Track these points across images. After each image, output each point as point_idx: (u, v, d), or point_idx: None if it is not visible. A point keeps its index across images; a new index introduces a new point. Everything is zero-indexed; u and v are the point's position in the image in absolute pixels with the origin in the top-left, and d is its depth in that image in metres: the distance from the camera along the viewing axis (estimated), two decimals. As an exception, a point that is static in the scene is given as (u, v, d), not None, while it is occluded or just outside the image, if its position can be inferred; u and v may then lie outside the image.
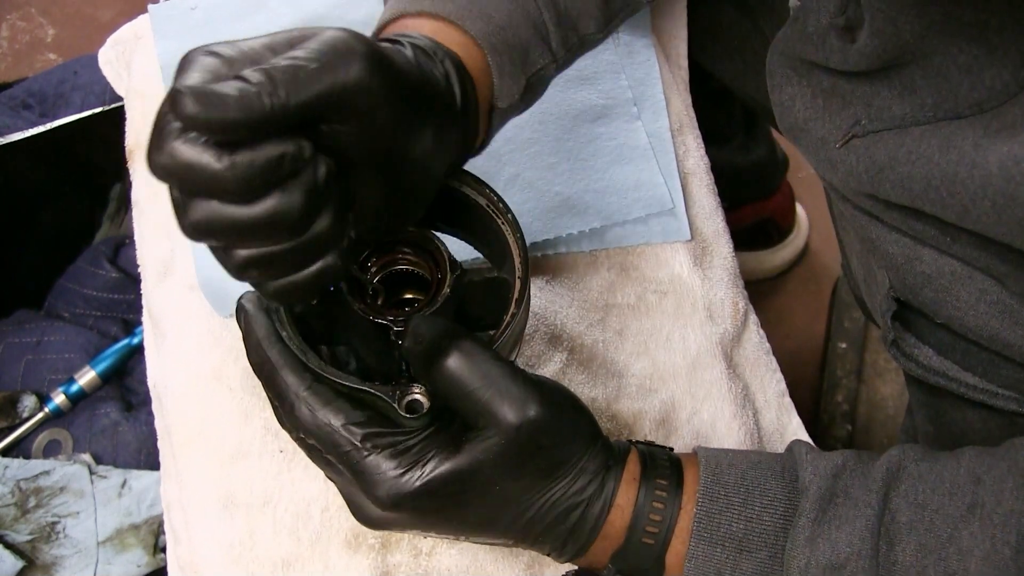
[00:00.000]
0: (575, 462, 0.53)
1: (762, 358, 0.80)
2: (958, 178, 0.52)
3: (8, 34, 1.73)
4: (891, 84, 0.56)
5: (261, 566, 0.69)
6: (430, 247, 0.58)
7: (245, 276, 0.47)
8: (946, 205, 0.53)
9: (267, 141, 0.41)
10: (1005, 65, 0.50)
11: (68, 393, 1.05)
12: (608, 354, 0.77)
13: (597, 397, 0.75)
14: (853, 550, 0.49)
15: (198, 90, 0.40)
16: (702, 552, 0.51)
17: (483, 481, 0.51)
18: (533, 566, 0.69)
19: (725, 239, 0.83)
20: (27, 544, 0.96)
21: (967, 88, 0.52)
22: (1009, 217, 0.50)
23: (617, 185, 0.83)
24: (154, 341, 0.80)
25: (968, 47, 0.52)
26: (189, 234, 0.44)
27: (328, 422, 0.51)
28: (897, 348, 0.66)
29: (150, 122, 0.94)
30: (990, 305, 0.58)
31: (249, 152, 0.41)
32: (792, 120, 0.64)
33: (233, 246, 0.45)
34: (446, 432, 0.52)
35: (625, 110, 0.86)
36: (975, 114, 0.53)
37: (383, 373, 0.59)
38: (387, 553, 0.69)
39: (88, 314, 1.14)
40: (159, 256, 0.82)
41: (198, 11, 0.90)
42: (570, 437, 0.53)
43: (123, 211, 1.25)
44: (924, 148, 0.55)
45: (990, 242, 0.55)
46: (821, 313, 1.46)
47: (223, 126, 0.40)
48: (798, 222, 1.52)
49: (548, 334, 0.77)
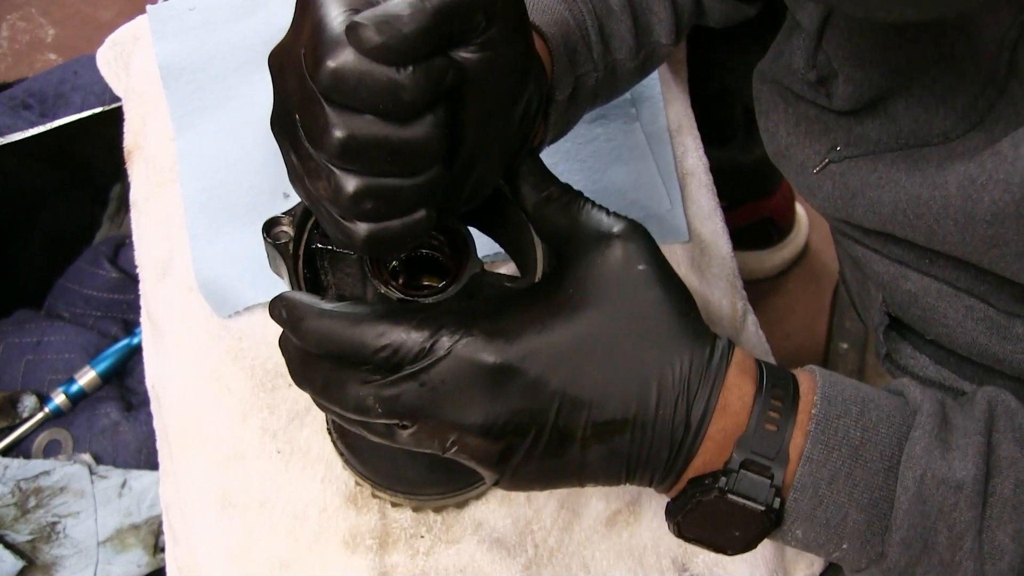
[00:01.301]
0: (693, 315, 0.49)
1: (761, 358, 0.80)
2: (922, 200, 0.52)
3: (8, 34, 1.73)
4: (875, 115, 0.57)
5: (259, 567, 0.69)
6: (456, 237, 0.58)
7: (358, 207, 0.44)
8: (914, 227, 0.53)
9: (431, 58, 0.42)
10: (972, 93, 0.51)
11: (68, 393, 1.05)
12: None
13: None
14: (968, 474, 0.47)
15: (376, 18, 0.40)
16: (819, 455, 0.48)
17: (601, 313, 0.47)
18: (531, 567, 0.69)
19: (724, 240, 0.83)
20: (27, 544, 0.96)
21: (942, 116, 0.53)
22: (971, 236, 0.50)
23: (615, 186, 0.83)
24: (152, 342, 0.80)
25: (941, 76, 0.52)
26: (334, 152, 0.42)
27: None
28: (891, 362, 0.66)
29: (148, 123, 0.94)
30: (977, 321, 0.58)
31: (424, 66, 0.41)
32: (776, 146, 0.64)
33: (366, 170, 0.43)
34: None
35: (623, 111, 0.86)
36: (942, 143, 0.53)
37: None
38: (385, 554, 0.69)
39: (88, 314, 1.14)
40: (158, 257, 0.82)
41: (196, 12, 0.90)
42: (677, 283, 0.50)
43: (123, 211, 1.26)
44: (893, 172, 0.55)
45: (967, 263, 0.55)
46: (821, 313, 1.46)
47: (405, 46, 0.40)
48: (798, 222, 1.52)
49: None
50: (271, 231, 0.57)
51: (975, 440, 0.48)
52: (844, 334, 1.38)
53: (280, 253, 0.57)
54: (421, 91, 0.41)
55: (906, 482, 0.47)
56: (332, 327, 0.46)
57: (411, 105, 0.42)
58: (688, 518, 0.49)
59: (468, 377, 0.45)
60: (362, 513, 0.70)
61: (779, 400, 0.49)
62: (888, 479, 0.48)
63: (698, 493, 0.48)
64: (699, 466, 0.49)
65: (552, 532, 0.71)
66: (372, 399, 0.45)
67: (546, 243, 0.52)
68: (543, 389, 0.45)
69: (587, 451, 0.47)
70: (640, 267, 0.48)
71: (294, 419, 0.73)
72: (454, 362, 0.44)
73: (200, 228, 0.81)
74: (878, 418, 0.49)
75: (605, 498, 0.72)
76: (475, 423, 0.45)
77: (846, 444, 0.48)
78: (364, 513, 0.70)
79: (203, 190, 0.82)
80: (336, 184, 0.43)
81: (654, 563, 0.70)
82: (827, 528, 0.49)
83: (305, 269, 0.57)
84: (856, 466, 0.48)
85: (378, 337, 0.45)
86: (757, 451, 0.48)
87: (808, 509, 0.48)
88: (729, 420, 0.48)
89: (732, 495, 0.47)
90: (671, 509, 0.51)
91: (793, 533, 0.49)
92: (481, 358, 0.45)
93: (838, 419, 0.49)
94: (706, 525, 0.50)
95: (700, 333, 0.49)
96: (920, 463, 0.47)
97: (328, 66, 0.41)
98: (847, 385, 0.51)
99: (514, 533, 0.70)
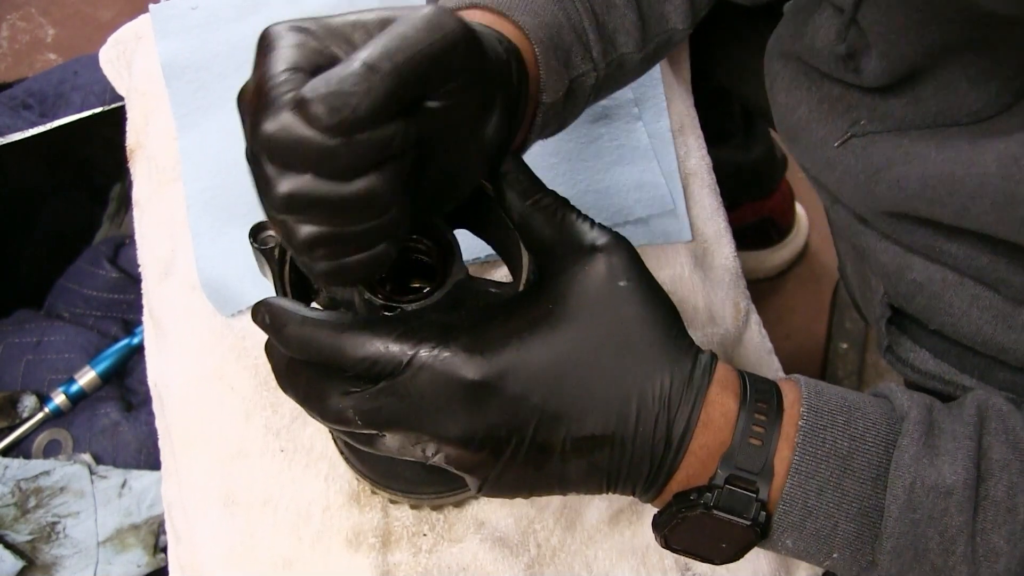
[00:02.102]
0: (675, 330, 0.48)
1: (764, 358, 0.80)
2: (956, 176, 0.51)
3: (8, 34, 1.73)
4: (902, 94, 0.56)
5: (262, 565, 0.69)
6: (442, 242, 0.58)
7: (310, 254, 0.44)
8: (944, 204, 0.53)
9: (382, 123, 0.41)
10: (1007, 76, 0.50)
11: (68, 393, 1.05)
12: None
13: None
14: (958, 479, 0.47)
15: (328, 96, 0.39)
16: (807, 466, 0.48)
17: (580, 326, 0.46)
18: (533, 566, 0.69)
19: (727, 239, 0.83)
20: (27, 544, 0.96)
21: (972, 100, 0.52)
22: (1010, 216, 0.49)
23: (618, 186, 0.83)
24: (155, 341, 0.80)
25: (975, 60, 0.52)
26: (277, 207, 0.42)
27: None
28: (892, 354, 0.66)
29: (151, 122, 0.94)
30: (983, 310, 0.58)
31: (367, 134, 0.40)
32: (793, 121, 0.64)
33: (313, 222, 0.43)
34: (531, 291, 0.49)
35: (626, 111, 0.86)
36: (973, 122, 0.53)
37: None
38: (387, 552, 0.69)
39: (88, 314, 1.14)
40: (160, 255, 0.82)
41: (199, 10, 0.90)
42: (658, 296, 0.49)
43: (123, 211, 1.25)
44: (921, 148, 0.54)
45: (982, 247, 0.55)
46: (821, 313, 1.46)
47: (355, 124, 0.40)
48: (798, 222, 1.52)
49: (549, 334, 0.77)
50: (258, 236, 0.58)
51: (964, 444, 0.48)
52: (844, 334, 1.38)
53: (266, 258, 0.57)
54: (361, 158, 0.41)
55: (895, 491, 0.47)
56: (313, 335, 0.46)
57: (350, 169, 0.41)
58: (675, 532, 0.50)
59: (446, 391, 0.44)
60: (365, 511, 0.70)
61: (763, 414, 0.49)
62: (877, 488, 0.48)
63: (684, 508, 0.48)
64: (683, 480, 0.49)
65: (555, 531, 0.71)
66: (352, 411, 0.45)
67: (530, 252, 0.52)
68: (521, 405, 0.45)
69: (567, 464, 0.47)
70: (622, 283, 0.48)
71: (297, 418, 0.73)
72: (432, 376, 0.44)
73: (203, 227, 0.81)
74: (865, 427, 0.49)
75: (608, 497, 0.72)
76: (454, 435, 0.45)
77: (834, 455, 0.48)
78: (367, 511, 0.70)
79: (206, 189, 0.82)
80: (286, 232, 0.44)
81: (657, 562, 0.70)
82: (817, 538, 0.49)
83: (293, 273, 0.57)
84: (844, 476, 0.48)
85: (358, 348, 0.45)
86: (742, 466, 0.48)
87: (797, 520, 0.48)
88: (712, 435, 0.48)
89: (717, 511, 0.47)
90: (657, 522, 0.51)
91: (783, 543, 0.49)
92: (460, 374, 0.44)
93: (825, 430, 0.48)
94: (693, 538, 0.50)
95: (683, 349, 0.48)
96: (909, 471, 0.47)
97: (264, 129, 0.41)
98: (832, 394, 0.50)
99: (516, 532, 0.70)
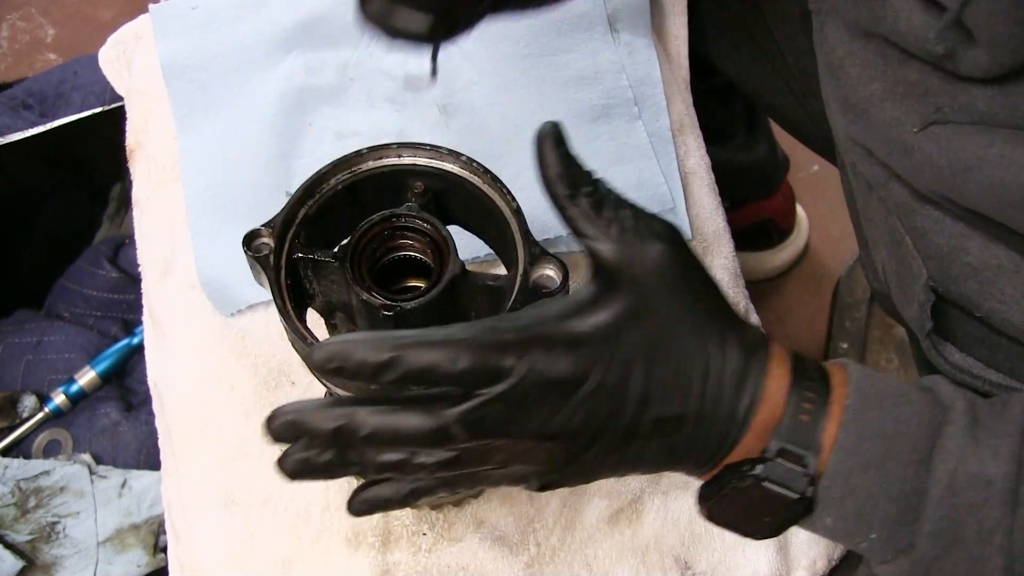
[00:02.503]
0: (729, 316, 0.51)
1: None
2: None
3: (8, 34, 1.73)
4: (991, 89, 0.55)
5: (261, 565, 0.69)
6: (437, 239, 0.58)
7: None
8: None
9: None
10: None
11: (68, 393, 1.05)
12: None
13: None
14: (999, 471, 0.48)
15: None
16: (851, 444, 0.49)
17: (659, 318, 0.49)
18: (533, 565, 0.69)
19: (726, 239, 0.83)
20: (27, 544, 0.96)
21: None
22: None
23: (618, 185, 0.81)
24: (155, 340, 0.80)
25: None
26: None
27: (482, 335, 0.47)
28: (930, 340, 0.65)
29: (151, 122, 0.94)
30: None
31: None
32: (865, 95, 0.62)
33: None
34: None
35: (626, 110, 0.86)
36: None
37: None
38: (387, 552, 0.69)
39: (88, 314, 1.14)
40: (160, 255, 0.82)
41: (199, 10, 0.90)
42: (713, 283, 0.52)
43: (123, 211, 1.25)
44: (1019, 155, 0.53)
45: None
46: (821, 313, 1.46)
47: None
48: (798, 222, 1.52)
49: (549, 333, 0.77)
50: (251, 244, 0.58)
51: (1007, 441, 0.49)
52: (845, 334, 1.38)
53: (261, 265, 0.57)
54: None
55: (938, 475, 0.48)
56: (410, 351, 0.47)
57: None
58: (721, 503, 0.51)
59: (548, 390, 0.46)
60: (365, 511, 0.70)
61: (812, 391, 0.50)
62: (919, 472, 0.49)
63: (734, 479, 0.50)
64: (738, 454, 0.50)
65: (554, 530, 0.71)
66: (458, 426, 0.47)
67: (588, 248, 0.52)
68: (617, 392, 0.47)
69: (648, 445, 0.49)
70: (689, 267, 0.50)
71: (297, 417, 0.73)
72: (534, 378, 0.46)
73: (202, 226, 0.81)
74: (910, 412, 0.50)
75: (607, 496, 0.72)
76: (554, 431, 0.47)
77: (879, 435, 0.49)
78: (367, 511, 0.70)
79: (205, 188, 0.82)
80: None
81: (657, 561, 0.70)
82: (857, 517, 0.50)
83: (288, 279, 0.58)
84: (888, 457, 0.49)
85: (457, 361, 0.46)
86: (792, 440, 0.49)
87: (839, 497, 0.49)
88: (769, 410, 0.50)
89: (767, 483, 0.49)
90: (704, 494, 0.52)
91: (823, 521, 0.50)
92: (558, 370, 0.46)
93: (871, 411, 0.50)
94: (738, 510, 0.51)
95: (745, 327, 0.51)
96: (953, 457, 0.48)
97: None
98: (880, 379, 0.52)
99: (516, 531, 0.70)
